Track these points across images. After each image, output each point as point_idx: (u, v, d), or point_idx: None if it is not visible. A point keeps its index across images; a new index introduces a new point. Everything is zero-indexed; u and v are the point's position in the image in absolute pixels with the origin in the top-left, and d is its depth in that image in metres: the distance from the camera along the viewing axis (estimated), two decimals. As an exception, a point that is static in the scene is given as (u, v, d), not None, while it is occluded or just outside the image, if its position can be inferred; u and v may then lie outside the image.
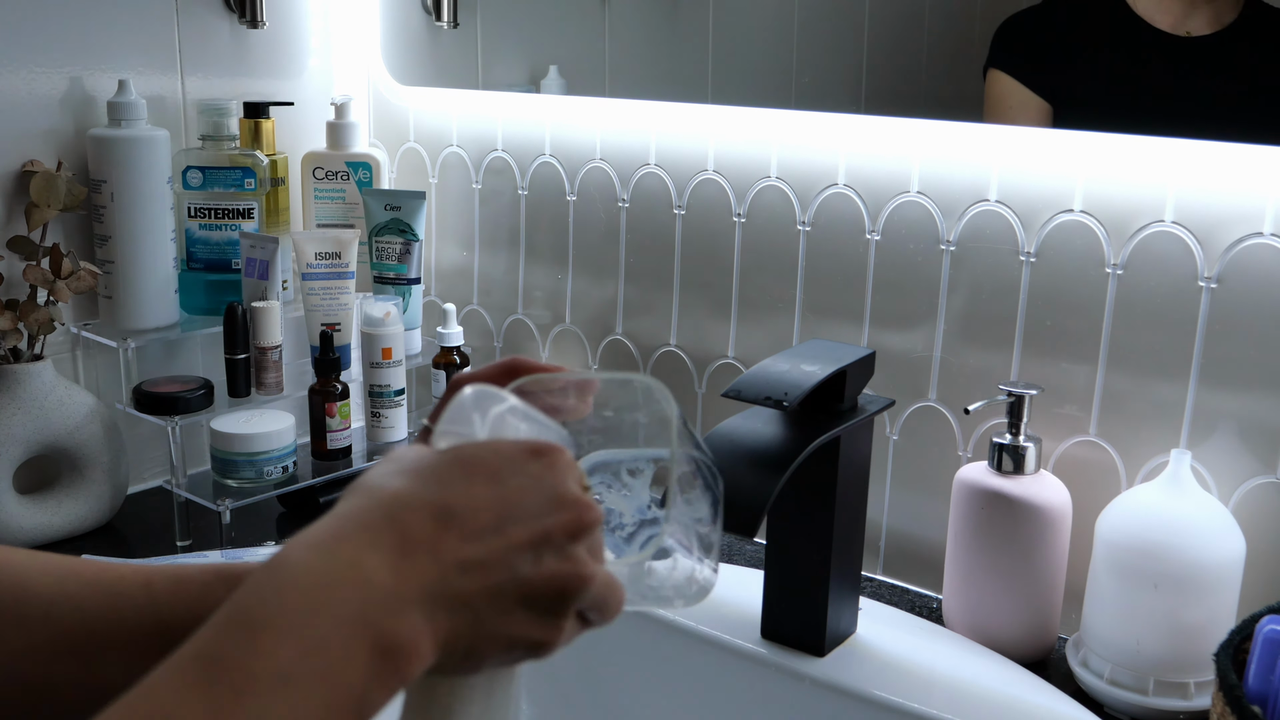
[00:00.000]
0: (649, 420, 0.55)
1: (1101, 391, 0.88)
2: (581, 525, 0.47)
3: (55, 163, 1.07)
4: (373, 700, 0.41)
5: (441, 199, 1.27)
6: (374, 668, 0.41)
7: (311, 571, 0.42)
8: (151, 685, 0.39)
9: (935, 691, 0.78)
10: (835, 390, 0.79)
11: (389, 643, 0.42)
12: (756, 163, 1.03)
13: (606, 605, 0.49)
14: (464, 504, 0.45)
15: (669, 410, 0.52)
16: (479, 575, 0.44)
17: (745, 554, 1.04)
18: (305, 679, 0.39)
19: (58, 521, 1.06)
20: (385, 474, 0.47)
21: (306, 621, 0.40)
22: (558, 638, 0.47)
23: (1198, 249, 0.83)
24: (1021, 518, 0.84)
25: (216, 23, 1.18)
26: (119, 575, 0.55)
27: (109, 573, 0.55)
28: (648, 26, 1.11)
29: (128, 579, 0.55)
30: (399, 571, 0.43)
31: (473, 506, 0.45)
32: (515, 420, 0.51)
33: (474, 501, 0.45)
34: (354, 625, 0.41)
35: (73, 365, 1.13)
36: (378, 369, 1.12)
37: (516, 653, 0.47)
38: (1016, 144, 0.90)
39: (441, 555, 0.44)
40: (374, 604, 0.42)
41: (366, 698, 0.41)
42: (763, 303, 1.05)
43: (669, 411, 0.52)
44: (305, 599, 0.41)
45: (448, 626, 0.44)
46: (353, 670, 0.41)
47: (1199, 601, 0.77)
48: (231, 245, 1.16)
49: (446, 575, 0.44)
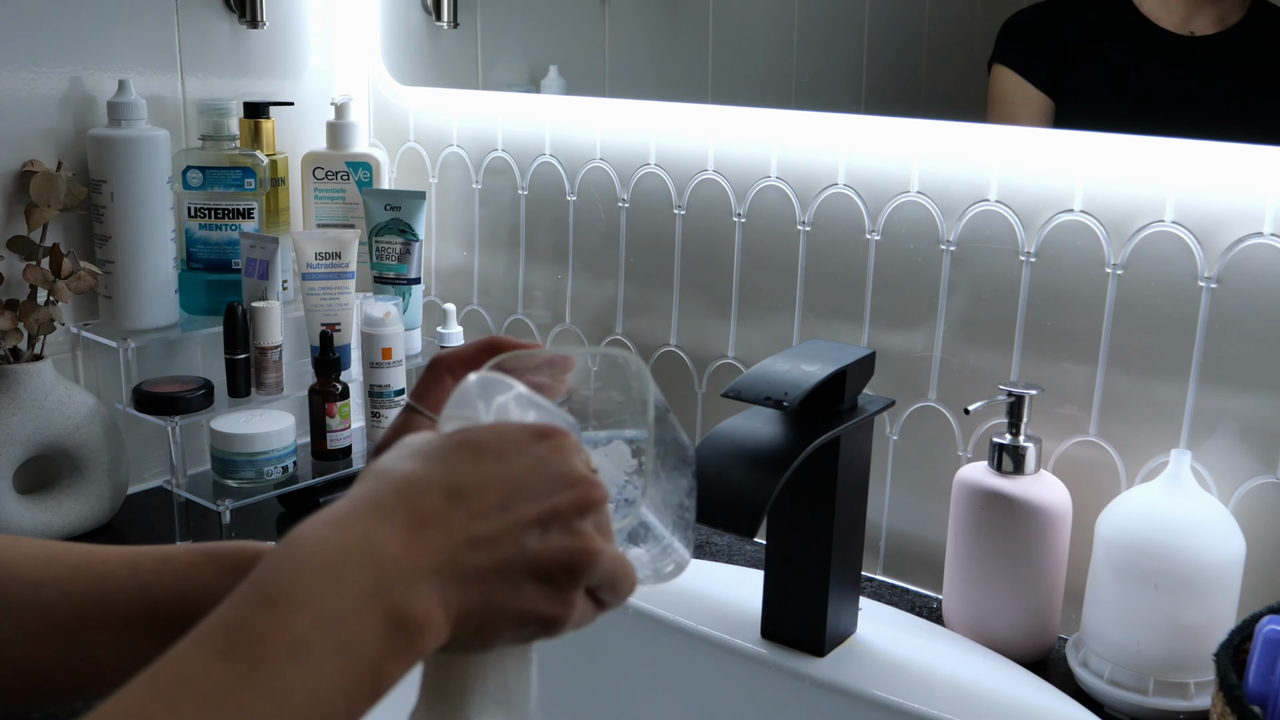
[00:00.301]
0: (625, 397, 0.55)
1: (1101, 391, 0.88)
2: (589, 502, 0.48)
3: (55, 163, 1.07)
4: (389, 672, 0.42)
5: (441, 199, 1.27)
6: (389, 639, 0.42)
7: (326, 546, 0.43)
8: (175, 656, 0.40)
9: (935, 691, 0.78)
10: (835, 390, 0.79)
11: (402, 614, 0.43)
12: (756, 163, 1.03)
13: (617, 583, 0.50)
14: (472, 483, 0.46)
15: (646, 389, 0.53)
16: (488, 550, 0.45)
17: (745, 554, 1.04)
18: (322, 650, 0.40)
19: (58, 521, 1.06)
20: (395, 459, 0.48)
21: (322, 594, 0.41)
22: (569, 614, 0.48)
23: (1198, 249, 0.83)
24: (1021, 518, 0.84)
25: (216, 23, 1.18)
26: (104, 557, 0.56)
27: (94, 555, 0.56)
28: (648, 26, 1.11)
29: (113, 561, 0.56)
30: (411, 546, 0.44)
31: (481, 485, 0.46)
32: (520, 407, 0.52)
33: (482, 481, 0.46)
34: (368, 597, 0.42)
35: (73, 365, 1.13)
36: (378, 369, 1.12)
37: (528, 629, 0.47)
38: (1017, 144, 0.90)
39: (452, 531, 0.45)
40: (387, 577, 0.43)
41: (383, 669, 0.42)
42: (763, 303, 1.05)
43: (646, 390, 0.53)
44: (320, 573, 0.42)
45: (460, 600, 0.45)
46: (368, 641, 0.42)
47: (1199, 601, 0.77)
48: (231, 245, 1.16)
49: (457, 550, 0.45)
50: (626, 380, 0.55)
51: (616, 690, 0.91)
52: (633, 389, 0.55)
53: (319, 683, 0.40)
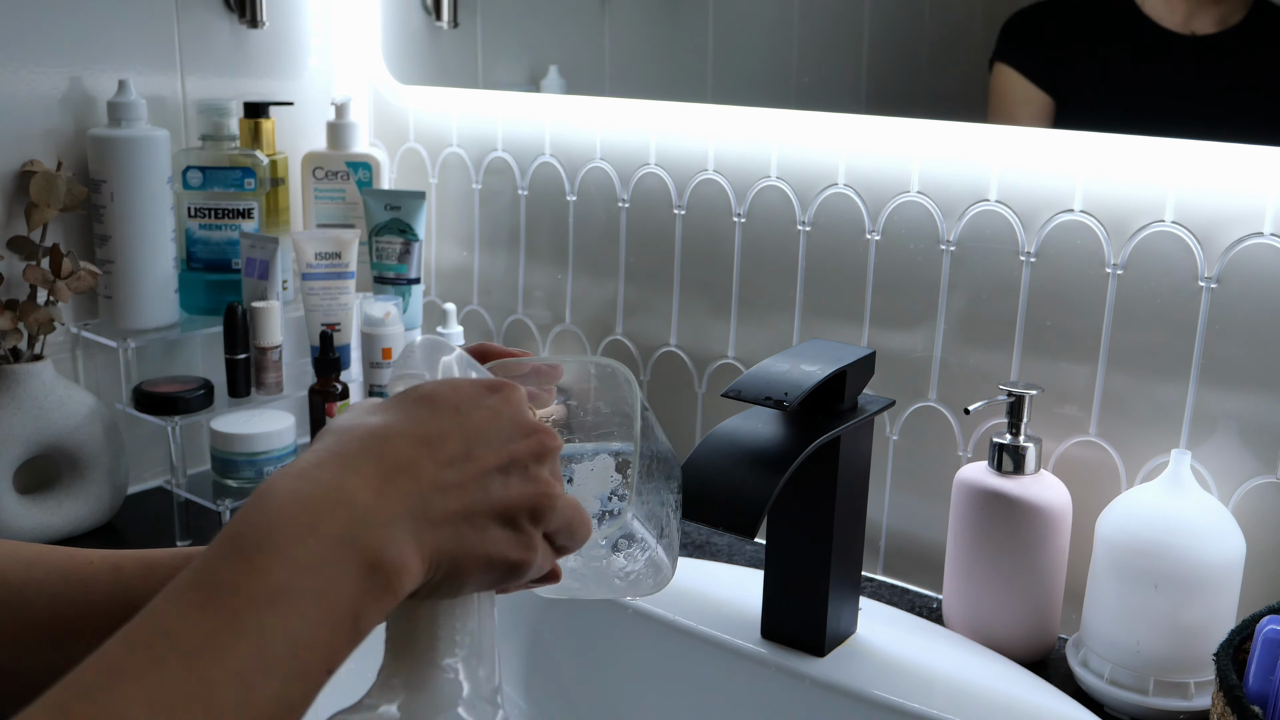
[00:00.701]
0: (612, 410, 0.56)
1: (1101, 391, 0.88)
2: (545, 449, 0.50)
3: (55, 163, 1.07)
4: (368, 616, 0.43)
5: (441, 199, 1.27)
6: (365, 583, 0.43)
7: (296, 496, 0.43)
8: (152, 611, 0.40)
9: (935, 691, 0.78)
10: (835, 390, 0.79)
11: (378, 558, 0.43)
12: (756, 163, 1.03)
13: (573, 527, 0.51)
14: (435, 433, 0.47)
15: (632, 398, 0.54)
16: (456, 496, 0.46)
17: (745, 554, 1.04)
18: (299, 596, 0.41)
19: (58, 521, 1.06)
20: (351, 417, 0.49)
21: (296, 541, 0.42)
22: (532, 558, 0.49)
23: (1198, 249, 0.82)
24: (1021, 518, 0.84)
25: (216, 23, 1.18)
26: (87, 560, 0.56)
27: (77, 558, 0.56)
28: (648, 26, 1.11)
29: (96, 564, 0.56)
30: (382, 493, 0.45)
31: (442, 435, 0.47)
32: (462, 367, 0.54)
33: (443, 431, 0.48)
34: (342, 543, 0.42)
35: (73, 365, 1.13)
36: (378, 369, 1.12)
37: (495, 573, 0.48)
38: (1017, 144, 0.90)
39: (421, 478, 0.46)
40: (360, 522, 0.43)
41: (361, 613, 0.43)
42: (763, 303, 1.05)
43: (632, 399, 0.54)
44: (293, 521, 0.42)
45: (432, 543, 0.45)
46: (345, 586, 0.42)
47: (1199, 601, 0.77)
48: (231, 245, 1.16)
49: (426, 496, 0.46)
50: (614, 392, 0.56)
51: (616, 690, 0.91)
52: (621, 401, 0.56)
53: (298, 629, 0.40)
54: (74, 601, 0.55)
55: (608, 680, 0.91)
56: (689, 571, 0.93)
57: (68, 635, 0.54)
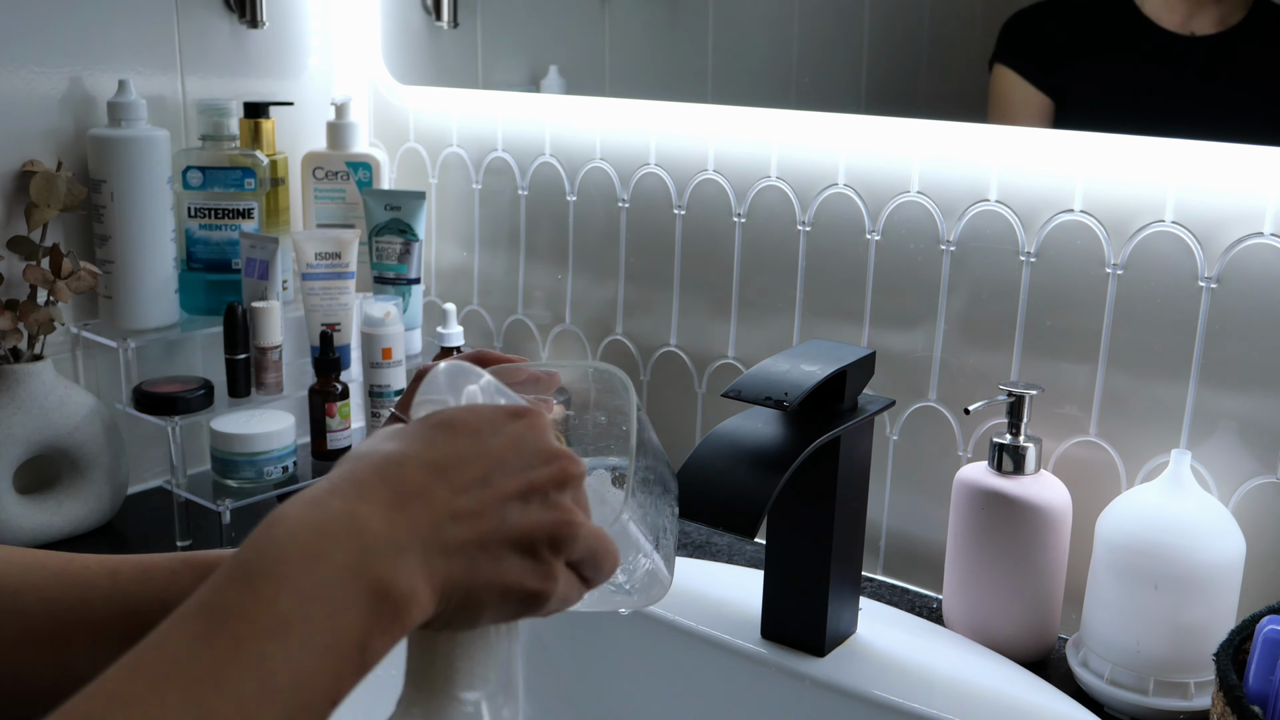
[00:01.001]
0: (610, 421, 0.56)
1: (1101, 391, 0.88)
2: (567, 476, 0.48)
3: (55, 163, 1.07)
4: (375, 647, 0.42)
5: (441, 199, 1.27)
6: (373, 613, 0.42)
7: (306, 524, 0.43)
8: (157, 638, 0.39)
9: (935, 691, 0.78)
10: (835, 390, 0.79)
11: (386, 588, 0.42)
12: (756, 163, 1.03)
13: (598, 557, 0.50)
14: (452, 459, 0.46)
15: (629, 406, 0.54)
16: (471, 524, 0.45)
17: (745, 554, 1.04)
18: (305, 625, 0.40)
19: (58, 522, 1.06)
20: (371, 443, 0.48)
21: (304, 570, 0.41)
22: (552, 588, 0.48)
23: (1198, 249, 0.83)
24: (1021, 518, 0.84)
25: (216, 23, 1.18)
26: (84, 565, 0.56)
27: (74, 563, 0.56)
28: (648, 26, 1.11)
29: (93, 569, 0.56)
30: (393, 521, 0.44)
31: (460, 461, 0.46)
32: (488, 394, 0.53)
33: (461, 457, 0.47)
34: (351, 572, 0.42)
35: (73, 365, 1.13)
36: (378, 369, 1.12)
37: (513, 604, 0.47)
38: (1017, 144, 0.90)
39: (434, 505, 0.45)
40: (370, 551, 0.43)
41: (368, 644, 0.42)
42: (762, 303, 1.05)
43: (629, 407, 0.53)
44: (302, 549, 0.42)
45: (444, 573, 0.44)
46: (352, 616, 0.41)
47: (1199, 601, 0.77)
48: (231, 245, 1.16)
49: (440, 524, 0.45)
50: (612, 401, 0.56)
51: (616, 690, 0.91)
52: (617, 411, 0.55)
53: (304, 658, 0.40)
54: (71, 607, 0.54)
55: (608, 680, 0.91)
56: (689, 572, 0.93)
57: (66, 640, 0.54)
